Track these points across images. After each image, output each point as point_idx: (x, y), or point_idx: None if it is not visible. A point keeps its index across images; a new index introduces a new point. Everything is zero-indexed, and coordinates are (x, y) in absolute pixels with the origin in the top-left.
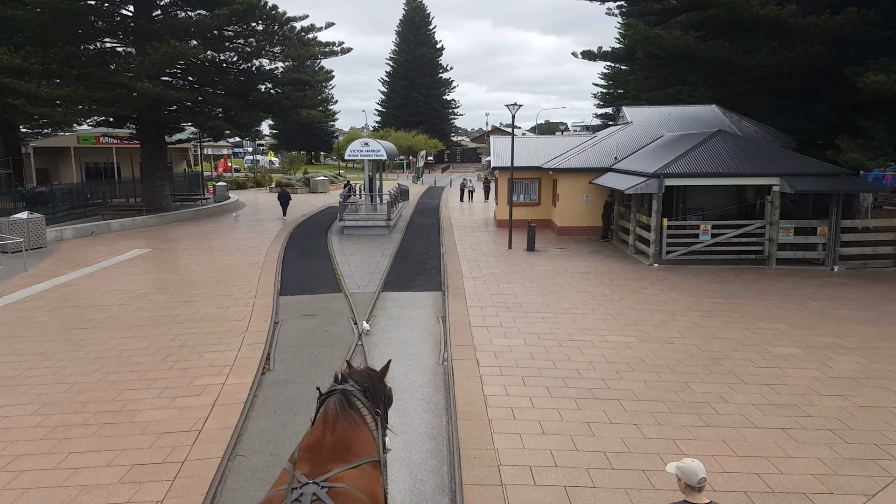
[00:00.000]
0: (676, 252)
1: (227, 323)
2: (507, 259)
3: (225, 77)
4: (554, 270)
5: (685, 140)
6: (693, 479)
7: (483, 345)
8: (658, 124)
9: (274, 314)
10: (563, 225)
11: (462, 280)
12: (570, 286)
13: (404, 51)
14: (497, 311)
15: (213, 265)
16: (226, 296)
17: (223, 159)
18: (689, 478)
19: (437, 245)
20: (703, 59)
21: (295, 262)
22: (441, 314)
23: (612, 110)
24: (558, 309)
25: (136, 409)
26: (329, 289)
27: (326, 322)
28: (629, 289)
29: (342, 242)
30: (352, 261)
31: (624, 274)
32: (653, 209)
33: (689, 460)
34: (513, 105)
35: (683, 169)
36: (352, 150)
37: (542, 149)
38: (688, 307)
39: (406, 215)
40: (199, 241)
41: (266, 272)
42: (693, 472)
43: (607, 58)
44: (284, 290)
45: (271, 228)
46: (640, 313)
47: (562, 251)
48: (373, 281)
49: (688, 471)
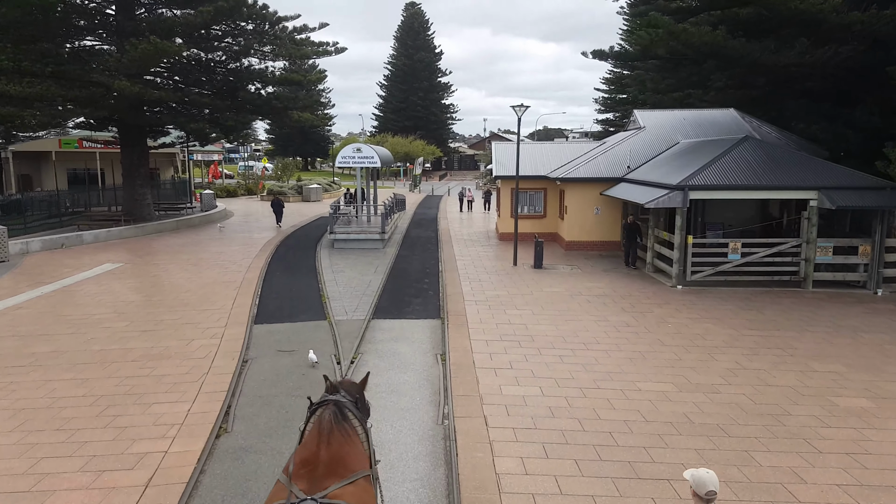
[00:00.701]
0: (703, 273)
1: (186, 362)
2: (512, 278)
3: (212, 77)
4: (566, 292)
5: (708, 147)
6: (702, 490)
7: (491, 394)
8: (673, 129)
9: (244, 350)
10: (571, 239)
11: (464, 304)
12: (586, 313)
13: (403, 55)
14: (505, 345)
15: (187, 283)
16: (192, 324)
17: (213, 165)
18: (699, 487)
19: (435, 261)
20: (731, 57)
21: (277, 280)
22: (440, 350)
23: (613, 116)
24: (576, 343)
25: (47, 491)
26: (312, 315)
27: (305, 360)
28: (654, 317)
29: (332, 257)
30: (341, 279)
31: (645, 298)
32: (676, 225)
33: (704, 471)
34: (518, 106)
35: (710, 180)
36: (343, 156)
37: (547, 156)
38: (726, 342)
39: (402, 227)
40: (177, 254)
41: (243, 293)
42: (704, 482)
43: (619, 57)
44: (261, 317)
45: (257, 240)
46: (673, 350)
47: (572, 269)
48: (363, 305)
49: (699, 481)
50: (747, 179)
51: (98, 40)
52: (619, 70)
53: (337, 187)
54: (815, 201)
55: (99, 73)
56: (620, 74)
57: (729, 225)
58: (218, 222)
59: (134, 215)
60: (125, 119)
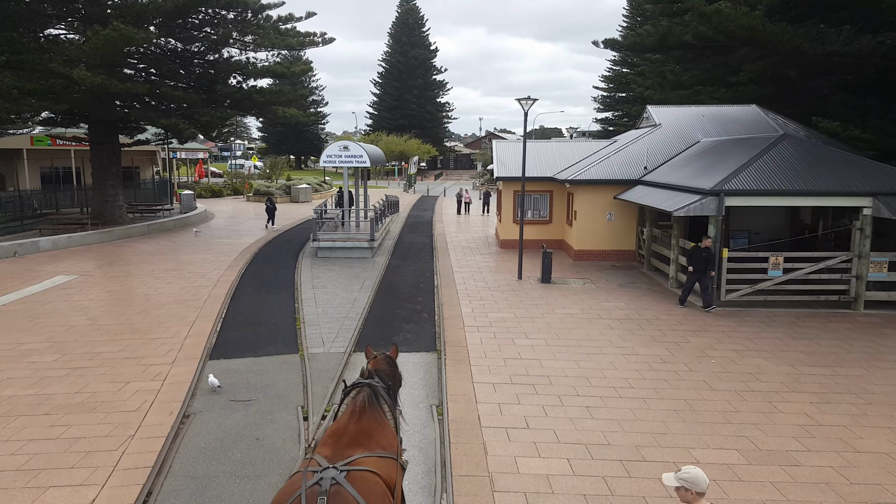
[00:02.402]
0: (739, 291)
1: (112, 417)
2: (518, 295)
3: (190, 69)
4: (583, 315)
5: (737, 147)
6: (703, 486)
7: (505, 473)
8: (691, 127)
9: (188, 399)
10: (581, 248)
11: (464, 332)
12: (610, 343)
13: (397, 52)
14: (518, 391)
15: (143, 302)
16: (135, 358)
17: (199, 164)
18: (698, 486)
19: (430, 273)
20: (769, 44)
21: (247, 299)
22: (436, 399)
23: (612, 114)
24: (604, 388)
25: None
26: (282, 346)
27: (263, 416)
28: (692, 349)
29: (314, 268)
30: (322, 297)
31: (676, 323)
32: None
33: (691, 467)
34: (525, 99)
35: (749, 184)
36: (328, 155)
37: (553, 156)
38: (785, 383)
39: (395, 231)
40: (142, 264)
41: (205, 315)
42: (701, 478)
43: (634, 48)
44: (219, 349)
45: (234, 247)
46: (725, 397)
47: (584, 283)
48: (344, 332)
49: (695, 479)
50: (791, 183)
51: (68, 29)
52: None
53: (328, 187)
54: (870, 209)
55: (58, 62)
56: (620, 72)
57: (756, 233)
58: (195, 226)
59: (104, 218)
60: (90, 113)
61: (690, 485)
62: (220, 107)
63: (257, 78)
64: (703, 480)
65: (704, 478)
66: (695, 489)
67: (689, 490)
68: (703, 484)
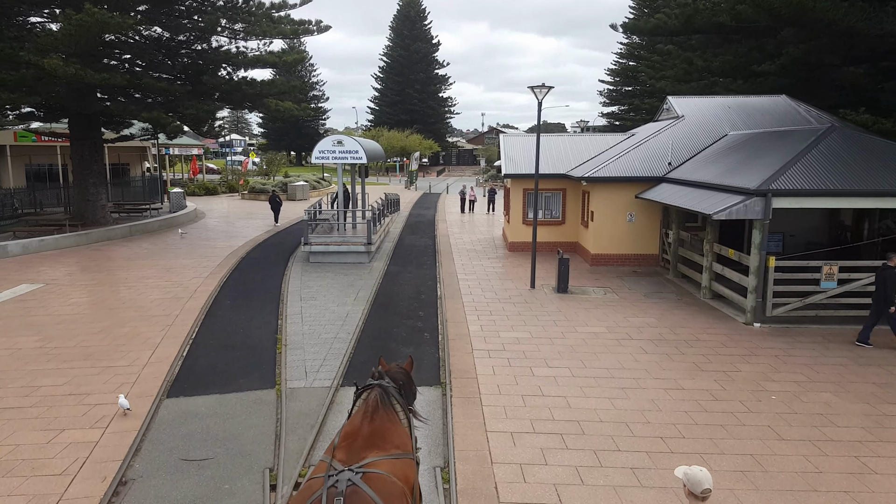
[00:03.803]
0: (788, 305)
1: (28, 485)
2: (532, 309)
3: (176, 59)
4: (609, 334)
5: (776, 141)
6: (697, 488)
7: None
8: (717, 119)
9: (129, 457)
10: (598, 252)
11: (473, 357)
12: (647, 373)
13: (399, 46)
14: (543, 445)
15: (107, 316)
16: (78, 395)
17: (193, 160)
18: (694, 486)
19: (432, 281)
20: (819, 23)
21: (225, 313)
22: (440, 460)
23: (618, 109)
24: (650, 438)
25: None
26: (256, 378)
27: (219, 484)
28: (745, 381)
29: (305, 276)
30: (309, 312)
31: (719, 344)
32: (753, 242)
33: (698, 468)
34: (539, 87)
35: (798, 183)
36: (320, 150)
37: (566, 151)
38: (868, 430)
39: (395, 232)
40: (117, 271)
41: (173, 335)
42: (698, 480)
43: (657, 32)
44: (181, 382)
45: (220, 251)
46: (800, 450)
47: (605, 293)
48: (332, 358)
49: (694, 479)
50: (847, 182)
51: (49, 18)
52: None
53: (326, 184)
54: None
55: (28, 51)
56: (626, 65)
57: (791, 235)
58: (182, 226)
59: (85, 219)
60: (68, 107)
61: (688, 481)
62: (208, 99)
63: (248, 68)
64: (699, 483)
65: (703, 482)
66: (690, 488)
67: (685, 486)
68: (698, 486)
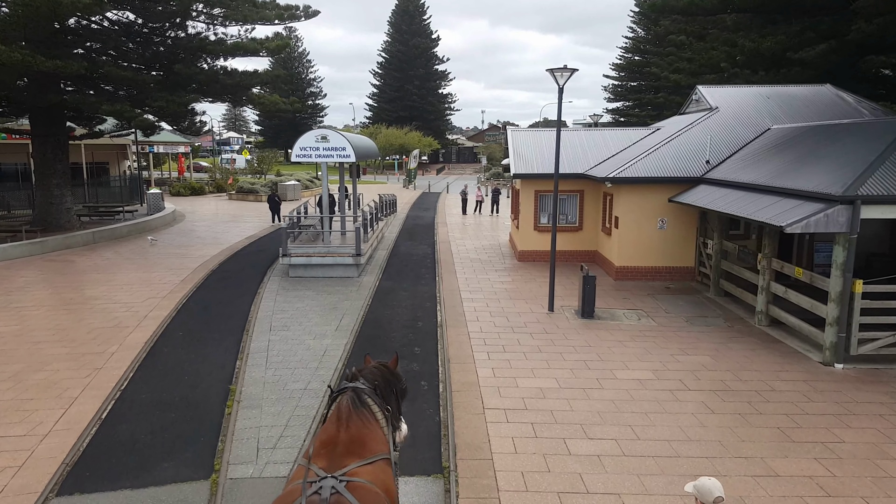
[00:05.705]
0: (878, 342)
1: None
2: (555, 343)
3: (149, 47)
4: (658, 382)
5: (838, 136)
6: (709, 498)
7: None
8: (756, 111)
9: None
10: (623, 264)
11: (485, 423)
12: (724, 448)
13: (397, 41)
14: None
15: (24, 357)
16: None
17: (180, 158)
18: (705, 496)
19: (431, 302)
20: None
21: (173, 351)
22: None
23: (623, 105)
24: None
25: None
26: (187, 460)
27: None
28: (854, 458)
29: (280, 296)
30: (278, 349)
31: (801, 396)
32: (835, 262)
33: (706, 478)
34: (562, 69)
35: (892, 187)
36: (301, 147)
37: (583, 147)
38: None
39: (390, 238)
40: (62, 289)
41: (98, 385)
42: (709, 489)
43: (691, 10)
44: (82, 467)
45: (190, 261)
46: None
47: (639, 318)
48: (296, 426)
49: (704, 489)
50: None
51: None
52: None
53: (320, 183)
54: None
55: None
56: (632, 60)
57: None
58: (155, 231)
59: (48, 223)
60: (23, 100)
61: (699, 493)
62: (183, 91)
63: (227, 57)
64: (709, 492)
65: (713, 491)
66: (701, 499)
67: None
68: (709, 496)
